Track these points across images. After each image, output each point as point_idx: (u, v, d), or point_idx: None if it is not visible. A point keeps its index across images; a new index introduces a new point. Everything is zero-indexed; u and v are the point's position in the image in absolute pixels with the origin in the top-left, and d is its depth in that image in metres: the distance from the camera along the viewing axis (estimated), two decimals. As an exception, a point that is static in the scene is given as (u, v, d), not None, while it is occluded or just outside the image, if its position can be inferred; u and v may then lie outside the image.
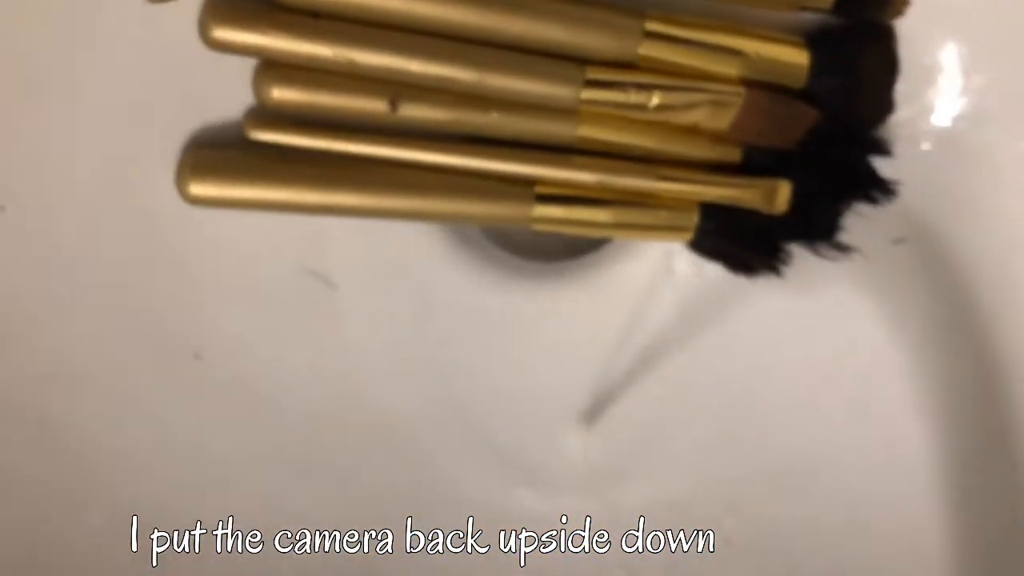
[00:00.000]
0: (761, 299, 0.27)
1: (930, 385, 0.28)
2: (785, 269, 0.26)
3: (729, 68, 0.23)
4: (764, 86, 0.24)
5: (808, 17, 0.24)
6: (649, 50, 0.23)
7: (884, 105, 0.25)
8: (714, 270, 0.26)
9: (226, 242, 0.25)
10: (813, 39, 0.24)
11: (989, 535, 0.29)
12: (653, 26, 0.23)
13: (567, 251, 0.27)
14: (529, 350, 0.28)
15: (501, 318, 0.27)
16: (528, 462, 0.29)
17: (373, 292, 0.26)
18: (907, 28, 0.24)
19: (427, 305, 0.27)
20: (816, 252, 0.25)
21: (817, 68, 0.23)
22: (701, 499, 0.29)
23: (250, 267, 0.26)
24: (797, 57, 0.23)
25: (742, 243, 0.26)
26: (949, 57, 0.25)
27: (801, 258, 0.26)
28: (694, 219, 0.25)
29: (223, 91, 0.23)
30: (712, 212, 0.25)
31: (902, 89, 0.24)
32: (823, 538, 0.30)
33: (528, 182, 0.24)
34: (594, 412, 0.28)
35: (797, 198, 0.25)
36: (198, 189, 0.23)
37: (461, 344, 0.27)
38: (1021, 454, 0.27)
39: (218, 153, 0.24)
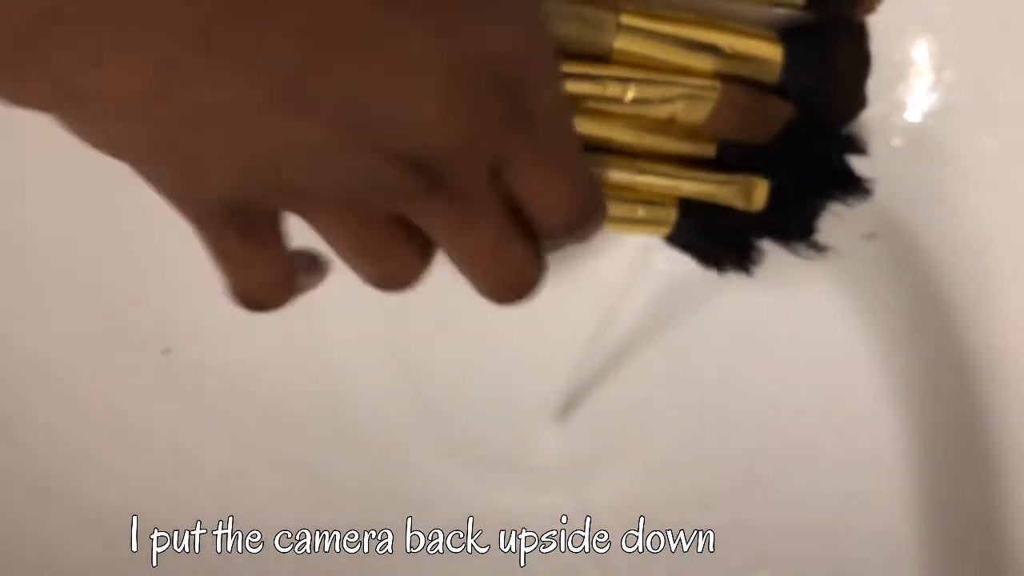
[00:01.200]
0: (734, 294, 0.27)
1: (901, 379, 0.28)
2: (755, 268, 0.26)
3: (703, 62, 0.23)
4: (738, 81, 0.24)
5: (782, 13, 0.24)
6: (624, 43, 0.23)
7: (856, 101, 0.25)
8: (689, 265, 0.26)
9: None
10: (786, 35, 0.24)
11: (958, 525, 0.29)
12: (628, 20, 0.23)
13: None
14: (503, 343, 0.28)
15: (474, 311, 0.27)
16: (501, 457, 0.29)
17: (345, 283, 0.26)
18: (879, 24, 0.24)
19: (400, 296, 0.27)
20: (791, 250, 0.25)
21: (790, 63, 0.24)
22: (675, 494, 0.29)
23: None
24: (770, 52, 0.24)
25: (717, 239, 0.26)
26: (920, 53, 0.25)
27: (773, 253, 0.26)
28: (673, 214, 0.25)
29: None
30: (691, 208, 0.25)
31: (874, 85, 0.25)
32: (795, 530, 0.30)
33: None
34: (568, 407, 0.28)
35: (772, 195, 0.25)
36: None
37: (433, 337, 0.27)
38: (990, 446, 0.28)
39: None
